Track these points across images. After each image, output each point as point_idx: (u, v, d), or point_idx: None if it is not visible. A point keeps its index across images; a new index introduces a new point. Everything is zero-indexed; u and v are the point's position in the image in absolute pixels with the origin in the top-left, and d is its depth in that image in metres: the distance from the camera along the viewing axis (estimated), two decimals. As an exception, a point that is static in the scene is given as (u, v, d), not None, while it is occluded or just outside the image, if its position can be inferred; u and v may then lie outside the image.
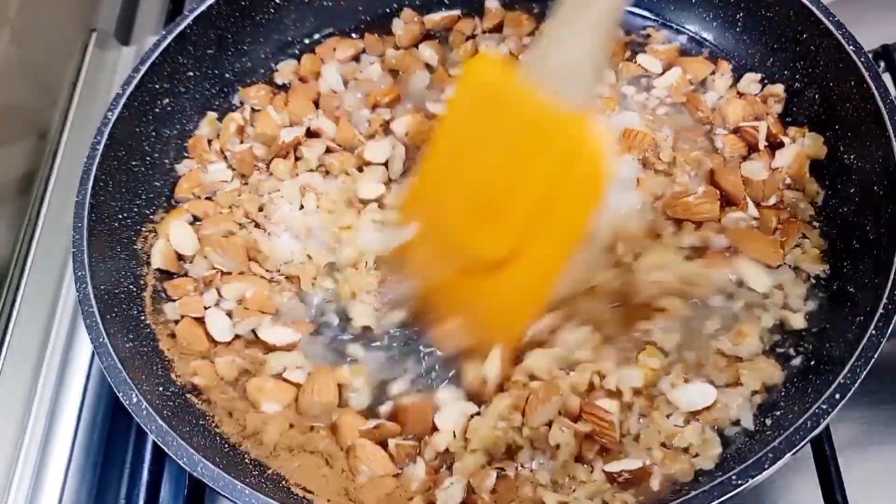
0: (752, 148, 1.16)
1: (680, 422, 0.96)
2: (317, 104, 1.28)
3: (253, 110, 1.28)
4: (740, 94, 1.22)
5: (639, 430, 0.96)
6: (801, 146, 1.13)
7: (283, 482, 0.96)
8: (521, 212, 0.91)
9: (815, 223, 1.09)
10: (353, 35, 1.36)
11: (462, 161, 0.95)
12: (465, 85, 0.95)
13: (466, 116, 0.95)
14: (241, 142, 1.24)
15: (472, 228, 0.95)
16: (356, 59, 1.34)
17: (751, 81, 1.22)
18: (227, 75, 1.30)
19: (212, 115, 1.27)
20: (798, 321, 1.02)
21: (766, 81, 1.22)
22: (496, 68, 0.90)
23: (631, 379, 0.99)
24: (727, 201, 1.11)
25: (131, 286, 1.09)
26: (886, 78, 1.14)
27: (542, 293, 0.97)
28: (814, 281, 1.05)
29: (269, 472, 0.97)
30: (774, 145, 1.15)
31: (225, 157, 1.24)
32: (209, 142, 1.25)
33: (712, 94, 1.23)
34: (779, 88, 1.19)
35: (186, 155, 1.24)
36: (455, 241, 0.97)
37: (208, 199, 1.20)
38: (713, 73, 1.24)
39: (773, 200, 1.12)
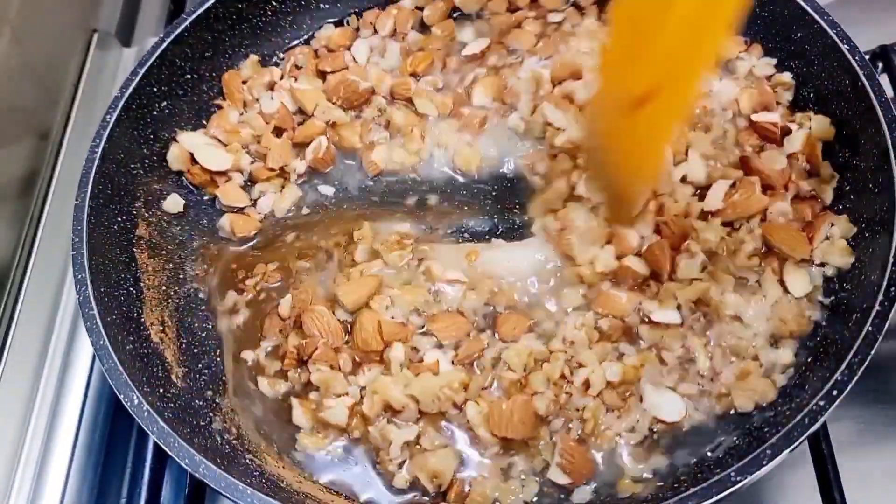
0: (768, 140, 1.12)
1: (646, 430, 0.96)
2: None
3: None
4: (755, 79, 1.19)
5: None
6: (809, 129, 1.10)
7: (284, 482, 0.95)
8: (663, 42, 0.86)
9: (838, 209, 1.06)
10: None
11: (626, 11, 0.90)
12: None
13: None
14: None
15: (627, 66, 0.90)
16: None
17: (766, 65, 1.19)
18: (224, 77, 1.28)
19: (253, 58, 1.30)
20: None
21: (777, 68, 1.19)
22: None
23: (609, 373, 0.98)
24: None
25: (131, 288, 1.08)
26: (884, 78, 1.13)
27: (675, 122, 0.97)
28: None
29: (270, 471, 0.96)
30: (783, 132, 1.12)
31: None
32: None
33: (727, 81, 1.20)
34: (787, 77, 1.16)
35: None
36: (607, 81, 0.95)
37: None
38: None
39: (791, 192, 1.08)
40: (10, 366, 1.11)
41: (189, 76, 1.23)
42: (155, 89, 1.18)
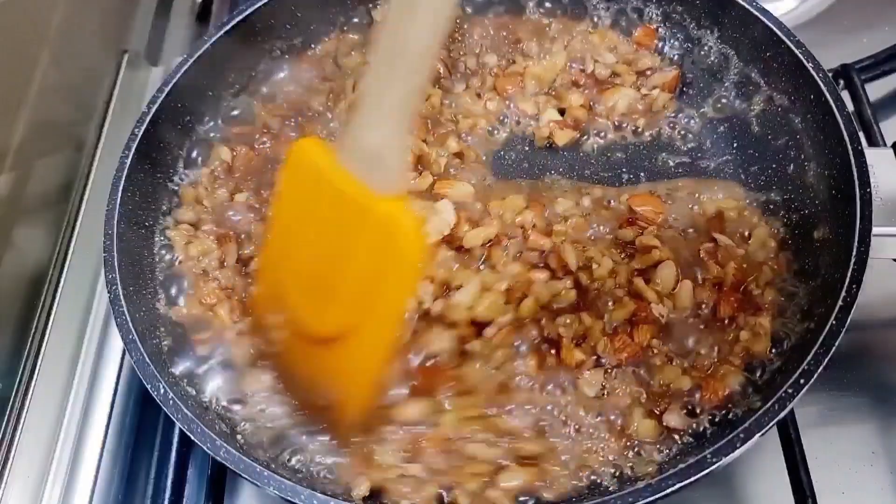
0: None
1: None
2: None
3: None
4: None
5: None
6: None
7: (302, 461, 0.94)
8: (348, 291, 0.82)
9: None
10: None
11: (295, 241, 0.87)
12: (293, 167, 0.85)
13: (296, 197, 0.86)
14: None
15: (309, 305, 0.87)
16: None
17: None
18: (242, 95, 1.26)
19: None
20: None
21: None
22: (320, 151, 0.80)
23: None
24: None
25: (158, 287, 1.07)
26: (845, 94, 1.12)
27: (371, 369, 0.87)
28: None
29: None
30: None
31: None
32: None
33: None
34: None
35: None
36: (295, 317, 0.89)
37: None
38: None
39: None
40: (48, 359, 1.10)
41: (210, 93, 1.22)
42: (179, 105, 1.16)
